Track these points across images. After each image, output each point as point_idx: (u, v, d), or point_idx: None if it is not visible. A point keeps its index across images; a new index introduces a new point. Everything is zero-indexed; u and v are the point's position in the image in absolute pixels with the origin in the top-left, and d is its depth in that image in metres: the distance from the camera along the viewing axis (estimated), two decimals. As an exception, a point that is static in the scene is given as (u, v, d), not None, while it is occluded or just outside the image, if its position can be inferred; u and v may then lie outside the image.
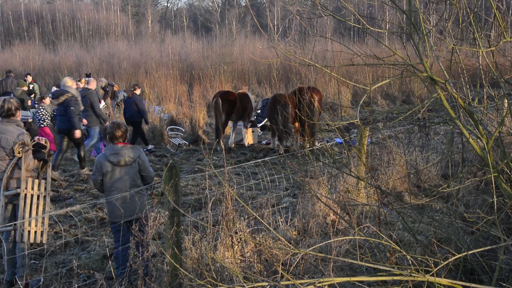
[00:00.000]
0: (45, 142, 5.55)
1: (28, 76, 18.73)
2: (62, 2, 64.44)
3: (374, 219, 6.32)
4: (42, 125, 12.26)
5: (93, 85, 11.73)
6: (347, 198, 6.12)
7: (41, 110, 12.16)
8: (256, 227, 5.90)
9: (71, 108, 10.21)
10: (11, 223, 5.51)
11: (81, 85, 15.53)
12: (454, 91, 3.95)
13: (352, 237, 3.37)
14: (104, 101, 18.03)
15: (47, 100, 12.46)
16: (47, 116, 12.37)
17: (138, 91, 13.25)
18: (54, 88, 20.03)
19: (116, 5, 63.72)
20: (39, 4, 66.16)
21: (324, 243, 3.80)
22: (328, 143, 11.89)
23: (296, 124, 12.55)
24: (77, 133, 10.39)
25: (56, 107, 10.77)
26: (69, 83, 10.52)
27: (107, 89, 19.00)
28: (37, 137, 5.61)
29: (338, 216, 6.35)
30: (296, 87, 13.50)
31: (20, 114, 5.72)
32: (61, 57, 33.94)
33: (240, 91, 13.98)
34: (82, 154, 10.79)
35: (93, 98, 11.19)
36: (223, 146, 12.47)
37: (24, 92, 15.19)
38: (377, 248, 4.45)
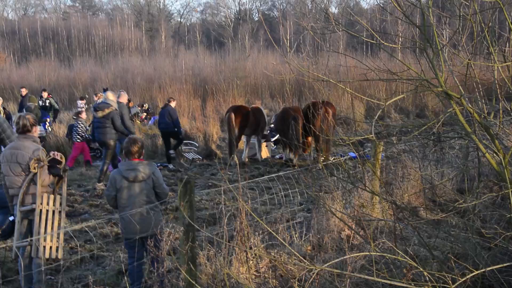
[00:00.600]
0: (61, 157, 5.59)
1: (44, 92, 18.93)
2: (77, 18, 65.19)
3: (389, 234, 6.27)
4: (78, 140, 12.45)
5: (123, 99, 12.07)
6: (362, 213, 6.09)
7: (80, 125, 12.42)
8: (270, 242, 5.88)
9: (114, 120, 10.68)
10: (27, 239, 5.54)
11: (96, 99, 15.68)
12: (470, 105, 3.93)
13: (367, 253, 3.35)
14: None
15: (84, 115, 12.78)
16: (84, 131, 12.62)
17: (173, 104, 13.69)
18: (79, 102, 20.15)
19: (130, 20, 64.33)
20: (55, 21, 66.95)
21: (339, 259, 3.78)
22: (342, 158, 11.85)
23: (309, 138, 12.56)
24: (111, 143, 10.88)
25: (95, 120, 11.08)
26: (111, 97, 10.96)
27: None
28: (53, 152, 5.65)
29: (353, 231, 6.31)
30: (310, 101, 13.52)
31: (36, 130, 5.77)
32: (76, 72, 34.30)
33: (253, 105, 14.02)
34: (105, 168, 10.92)
35: (124, 111, 11.53)
36: (237, 161, 12.48)
37: (37, 107, 15.35)
38: (393, 264, 4.42)
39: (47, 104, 18.18)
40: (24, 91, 16.36)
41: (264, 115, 13.58)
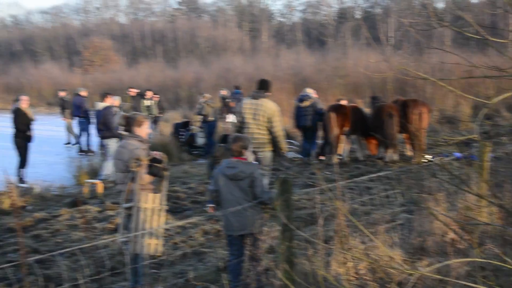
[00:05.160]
0: (161, 156, 5.79)
1: (148, 92, 19.55)
2: (182, 20, 67.42)
3: (497, 239, 5.95)
4: None
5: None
6: (467, 216, 5.82)
7: None
8: (370, 244, 5.78)
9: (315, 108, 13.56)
10: (128, 235, 5.80)
11: (203, 99, 16.08)
12: None
13: (471, 259, 3.19)
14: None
15: None
16: None
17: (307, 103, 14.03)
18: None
19: (232, 21, 65.59)
20: (163, 24, 69.66)
21: (440, 264, 3.63)
22: (447, 158, 11.43)
23: (405, 135, 12.37)
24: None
25: (300, 108, 13.81)
26: (310, 91, 14.15)
27: (225, 101, 19.56)
28: (154, 152, 5.87)
29: (457, 235, 6.05)
30: (400, 100, 13.23)
31: (143, 129, 6.01)
32: (181, 73, 35.46)
33: (353, 104, 13.88)
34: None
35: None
36: (336, 160, 12.38)
37: (130, 107, 16.03)
38: (500, 272, 4.19)
39: (149, 104, 18.84)
40: (132, 92, 17.13)
41: (364, 114, 13.39)
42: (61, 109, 18.35)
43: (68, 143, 18.09)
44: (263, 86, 8.92)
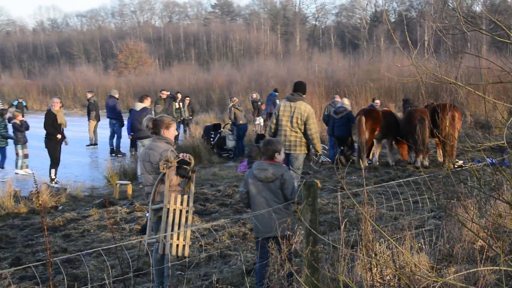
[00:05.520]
0: (189, 158, 5.82)
1: (178, 94, 19.58)
2: (216, 23, 67.90)
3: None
4: None
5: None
6: (497, 223, 5.68)
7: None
8: (397, 250, 5.69)
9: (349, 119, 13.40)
10: (155, 236, 5.84)
11: (232, 103, 16.15)
12: None
13: (496, 268, 3.11)
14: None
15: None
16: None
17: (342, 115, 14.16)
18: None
19: (266, 24, 65.75)
20: (196, 27, 70.28)
21: (465, 272, 3.55)
22: (478, 164, 11.21)
23: (437, 140, 12.18)
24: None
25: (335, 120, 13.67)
26: (347, 102, 14.11)
27: (256, 104, 19.62)
28: (182, 153, 5.89)
29: (486, 243, 5.92)
30: (431, 104, 13.03)
31: (171, 131, 6.05)
32: (214, 76, 35.68)
33: (385, 108, 13.74)
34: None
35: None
36: (366, 164, 12.27)
37: (162, 109, 16.15)
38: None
39: (179, 106, 18.95)
40: (164, 94, 17.28)
41: (397, 118, 13.24)
42: (87, 111, 18.63)
43: (90, 145, 18.33)
44: (299, 89, 8.98)
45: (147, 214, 6.23)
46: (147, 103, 12.60)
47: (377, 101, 14.39)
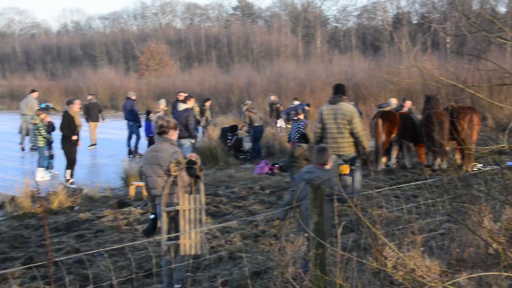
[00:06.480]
0: (196, 158, 5.83)
1: (181, 94, 19.51)
2: (237, 25, 67.98)
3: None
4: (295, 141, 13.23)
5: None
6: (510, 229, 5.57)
7: (301, 126, 13.24)
8: (408, 253, 5.63)
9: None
10: (169, 236, 5.84)
11: (246, 106, 16.13)
12: None
13: (501, 273, 3.04)
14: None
15: (302, 116, 13.62)
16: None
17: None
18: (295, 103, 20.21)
19: (287, 27, 65.62)
20: (217, 29, 70.47)
21: (473, 275, 3.48)
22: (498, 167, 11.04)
23: (456, 143, 12.01)
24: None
25: None
26: (394, 101, 14.41)
27: (274, 107, 19.54)
28: (188, 153, 5.91)
29: (502, 247, 5.80)
30: (450, 106, 12.82)
31: (176, 133, 6.06)
32: (234, 78, 35.69)
33: (402, 111, 13.59)
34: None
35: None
36: (383, 167, 12.15)
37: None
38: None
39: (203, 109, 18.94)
40: (181, 96, 17.29)
41: (414, 120, 13.09)
42: (86, 112, 18.67)
43: (92, 145, 18.40)
44: (340, 91, 9.19)
45: (151, 217, 6.23)
46: (190, 104, 12.96)
47: (408, 102, 14.15)
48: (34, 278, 6.56)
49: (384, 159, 12.94)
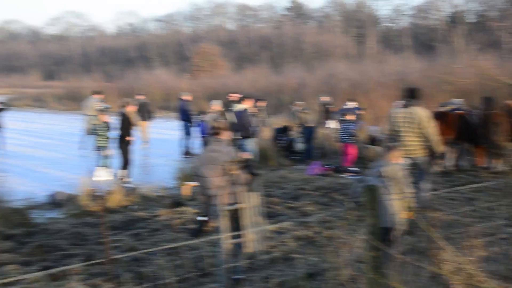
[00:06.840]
0: (249, 157, 5.92)
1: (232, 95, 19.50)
2: (289, 26, 67.94)
3: None
4: (348, 141, 13.22)
5: None
6: None
7: (350, 126, 13.36)
8: (467, 258, 5.51)
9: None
10: (237, 236, 5.93)
11: (295, 107, 16.07)
12: None
13: None
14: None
15: (350, 117, 13.82)
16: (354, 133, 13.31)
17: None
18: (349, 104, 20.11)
19: (339, 27, 65.15)
20: (269, 30, 70.63)
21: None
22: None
23: None
24: None
25: None
26: (457, 101, 14.13)
27: (325, 107, 19.40)
28: (242, 153, 5.99)
29: None
30: (508, 105, 12.43)
31: (227, 134, 6.14)
32: (285, 79, 35.66)
33: (458, 111, 13.30)
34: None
35: None
36: (438, 169, 11.93)
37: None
38: None
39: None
40: (233, 97, 17.38)
41: (471, 122, 12.77)
42: (138, 111, 18.91)
43: (144, 143, 18.67)
44: (413, 95, 9.25)
45: (199, 218, 6.34)
46: (248, 104, 13.13)
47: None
48: (92, 275, 6.75)
49: (441, 161, 12.68)
